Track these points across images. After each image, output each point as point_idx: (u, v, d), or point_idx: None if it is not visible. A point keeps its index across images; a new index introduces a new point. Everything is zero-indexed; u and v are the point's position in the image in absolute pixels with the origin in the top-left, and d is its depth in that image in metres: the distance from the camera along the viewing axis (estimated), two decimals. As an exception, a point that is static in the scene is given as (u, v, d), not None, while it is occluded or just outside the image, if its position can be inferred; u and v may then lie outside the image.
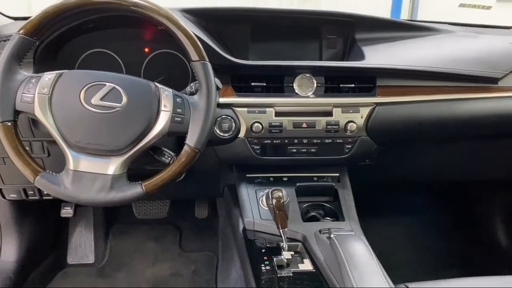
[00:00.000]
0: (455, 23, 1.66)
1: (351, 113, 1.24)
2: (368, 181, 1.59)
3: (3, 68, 0.95)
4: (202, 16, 1.31)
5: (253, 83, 1.24)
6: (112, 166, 0.98)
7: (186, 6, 1.28)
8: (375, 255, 1.01)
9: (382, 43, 1.41)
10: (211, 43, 1.17)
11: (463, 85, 1.33)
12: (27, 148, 1.02)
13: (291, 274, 1.02)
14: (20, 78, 0.97)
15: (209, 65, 1.01)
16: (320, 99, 1.25)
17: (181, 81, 1.29)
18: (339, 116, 1.24)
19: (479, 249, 2.02)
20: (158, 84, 1.02)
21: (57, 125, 0.96)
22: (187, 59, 1.05)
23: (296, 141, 1.25)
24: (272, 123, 1.22)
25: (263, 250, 1.11)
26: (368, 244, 1.05)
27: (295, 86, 1.25)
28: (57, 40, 1.19)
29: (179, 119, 0.99)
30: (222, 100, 1.19)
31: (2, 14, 1.40)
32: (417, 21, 1.62)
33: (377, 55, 1.33)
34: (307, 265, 1.06)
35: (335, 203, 1.29)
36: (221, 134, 1.20)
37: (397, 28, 1.47)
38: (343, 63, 1.36)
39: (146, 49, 1.31)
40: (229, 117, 1.19)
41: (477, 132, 1.44)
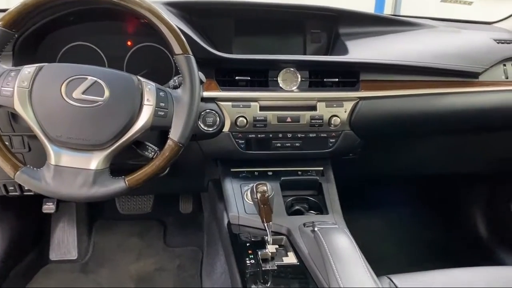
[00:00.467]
0: (437, 18, 1.68)
1: (335, 108, 1.25)
2: (352, 175, 1.60)
3: None
4: (185, 9, 1.29)
5: (237, 77, 1.23)
6: (95, 161, 0.97)
7: (169, -1, 1.27)
8: (358, 247, 1.02)
9: (365, 37, 1.42)
10: (194, 37, 1.16)
11: (445, 80, 1.35)
12: (7, 143, 1.00)
13: (276, 267, 1.02)
14: None
15: (193, 59, 1.00)
16: (304, 94, 1.25)
17: (164, 75, 1.28)
18: (323, 111, 1.25)
19: (459, 240, 2.06)
20: (141, 78, 1.01)
21: (38, 119, 0.95)
22: (170, 52, 1.04)
23: (280, 135, 1.25)
24: (257, 118, 1.22)
25: (247, 244, 1.11)
26: (352, 237, 1.06)
27: (280, 80, 1.25)
28: (37, 32, 1.17)
29: (162, 113, 0.99)
30: (206, 94, 1.19)
31: (-21, 6, 1.37)
32: (400, 16, 1.63)
33: (361, 50, 1.34)
34: (291, 258, 1.07)
35: (319, 197, 1.30)
36: (205, 128, 1.19)
37: (380, 23, 1.48)
38: (327, 58, 1.37)
39: (129, 43, 1.30)
40: (213, 111, 1.19)
41: (458, 126, 1.47)
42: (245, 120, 1.21)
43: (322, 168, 1.35)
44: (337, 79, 1.28)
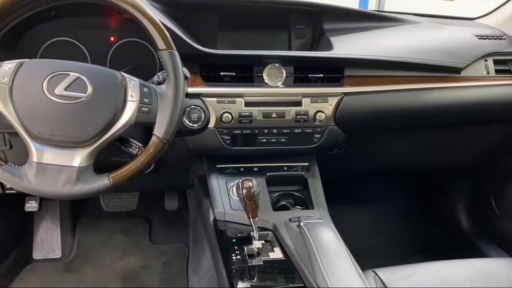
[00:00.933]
0: (421, 14, 1.70)
1: (319, 103, 1.25)
2: (337, 170, 1.61)
3: None
4: (169, 4, 1.28)
5: (222, 73, 1.23)
6: (78, 158, 0.95)
7: (152, -6, 1.26)
8: (343, 242, 1.03)
9: (350, 33, 1.42)
10: (178, 32, 1.15)
11: (428, 75, 1.36)
12: None
13: (262, 263, 1.03)
14: None
15: (177, 54, 1.00)
16: (289, 89, 1.25)
17: (148, 71, 1.27)
18: (308, 106, 1.25)
19: (443, 234, 2.09)
20: (125, 74, 1.00)
21: (19, 116, 0.93)
22: (154, 48, 1.03)
23: (266, 131, 1.25)
24: (242, 113, 1.21)
25: (233, 240, 1.11)
26: (337, 231, 1.07)
27: (265, 76, 1.24)
28: (17, 28, 1.15)
29: (146, 109, 0.98)
30: (191, 90, 1.18)
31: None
32: (384, 12, 1.64)
33: (345, 45, 1.35)
34: (277, 254, 1.07)
35: (305, 192, 1.30)
36: (190, 124, 1.18)
37: (364, 19, 1.48)
38: (312, 53, 1.37)
39: (112, 38, 1.28)
40: (198, 107, 1.18)
41: (441, 120, 1.49)
42: (230, 116, 1.20)
43: (307, 164, 1.35)
44: (322, 75, 1.28)
